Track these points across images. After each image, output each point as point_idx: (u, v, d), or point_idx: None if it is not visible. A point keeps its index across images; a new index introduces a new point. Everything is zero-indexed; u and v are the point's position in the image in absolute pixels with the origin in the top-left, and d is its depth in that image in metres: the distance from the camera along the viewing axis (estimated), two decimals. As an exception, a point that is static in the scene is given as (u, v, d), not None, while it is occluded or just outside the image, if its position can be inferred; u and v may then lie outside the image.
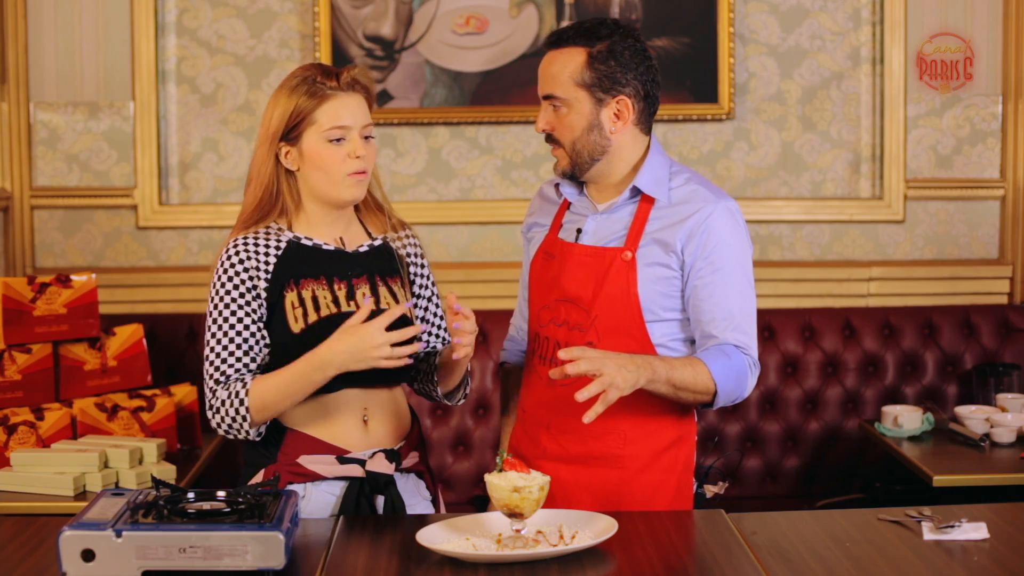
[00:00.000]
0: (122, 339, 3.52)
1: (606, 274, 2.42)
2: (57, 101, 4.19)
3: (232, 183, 4.24)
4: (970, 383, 4.03)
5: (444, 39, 4.19)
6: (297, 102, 2.36)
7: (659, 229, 2.42)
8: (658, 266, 2.41)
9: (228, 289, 2.38)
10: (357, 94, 2.40)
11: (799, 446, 4.07)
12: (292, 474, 2.38)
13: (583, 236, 2.49)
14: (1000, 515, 2.31)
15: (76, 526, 1.96)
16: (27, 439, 3.18)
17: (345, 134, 2.37)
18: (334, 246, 2.45)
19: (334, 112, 2.36)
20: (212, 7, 4.19)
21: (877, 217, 4.29)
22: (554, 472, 2.42)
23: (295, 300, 2.38)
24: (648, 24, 4.17)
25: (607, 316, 2.41)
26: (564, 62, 2.43)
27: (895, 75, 4.22)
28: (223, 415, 2.34)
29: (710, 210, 2.41)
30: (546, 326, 2.50)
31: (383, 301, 2.44)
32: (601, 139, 2.44)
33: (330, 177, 2.38)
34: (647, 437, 2.45)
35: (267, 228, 2.43)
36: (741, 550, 2.15)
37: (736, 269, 2.42)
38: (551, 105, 2.45)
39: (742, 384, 2.41)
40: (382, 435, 2.44)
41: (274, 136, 2.38)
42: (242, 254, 2.39)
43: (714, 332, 2.40)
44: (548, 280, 2.52)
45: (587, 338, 2.43)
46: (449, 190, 4.28)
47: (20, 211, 4.18)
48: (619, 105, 2.43)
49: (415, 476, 2.51)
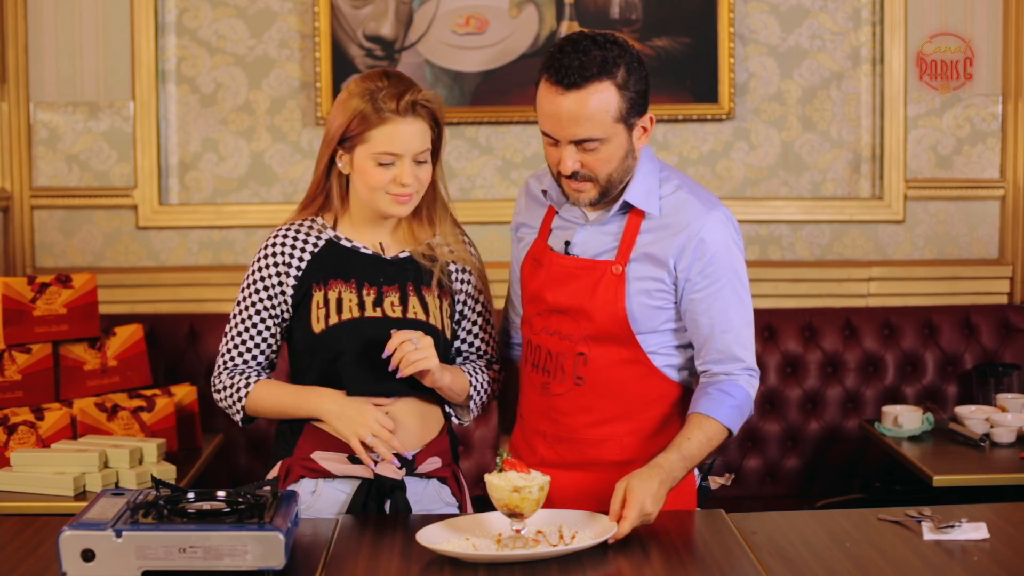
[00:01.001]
0: (122, 339, 3.52)
1: (595, 287, 2.40)
2: (57, 101, 4.19)
3: (232, 183, 4.24)
4: (970, 383, 4.03)
5: (444, 39, 4.19)
6: (355, 116, 2.34)
7: (650, 243, 2.39)
8: (649, 280, 2.39)
9: (255, 282, 2.45)
10: (418, 119, 2.36)
11: (799, 446, 4.07)
12: (305, 469, 2.40)
13: (573, 247, 2.45)
14: (1000, 515, 2.31)
15: (76, 526, 1.96)
16: (27, 439, 3.18)
17: (394, 159, 2.35)
18: (372, 251, 2.45)
19: (387, 137, 2.34)
20: (212, 7, 4.19)
21: (877, 217, 4.29)
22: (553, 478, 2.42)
23: (321, 300, 2.40)
24: (648, 24, 4.17)
25: (597, 327, 2.40)
26: (599, 103, 2.28)
27: (895, 75, 4.22)
28: (222, 397, 2.49)
29: (701, 223, 2.37)
30: (538, 334, 2.48)
31: (411, 311, 2.43)
32: (632, 161, 2.39)
33: (373, 194, 2.38)
34: (645, 443, 2.43)
35: (311, 222, 2.46)
36: (741, 550, 2.15)
37: (733, 280, 2.41)
38: (583, 147, 2.32)
39: (749, 408, 2.43)
40: (402, 438, 2.41)
41: (332, 140, 2.39)
42: (277, 249, 2.43)
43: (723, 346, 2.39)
44: (536, 289, 2.49)
45: (578, 349, 2.41)
46: (449, 190, 4.26)
47: (20, 211, 4.18)
48: (644, 122, 2.37)
49: (437, 482, 2.49)
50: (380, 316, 2.40)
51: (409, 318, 2.41)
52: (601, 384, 2.41)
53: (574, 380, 2.42)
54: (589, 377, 2.42)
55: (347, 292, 2.40)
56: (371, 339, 2.37)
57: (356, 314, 2.39)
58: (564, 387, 2.43)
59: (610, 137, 2.32)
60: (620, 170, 2.37)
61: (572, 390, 2.43)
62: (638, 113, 2.35)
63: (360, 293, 2.41)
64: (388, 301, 2.42)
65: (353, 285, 2.41)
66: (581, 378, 2.42)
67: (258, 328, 2.45)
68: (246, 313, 2.45)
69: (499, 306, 2.71)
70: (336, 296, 2.40)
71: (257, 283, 2.44)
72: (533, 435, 2.52)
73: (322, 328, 2.38)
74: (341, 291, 2.40)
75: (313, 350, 2.40)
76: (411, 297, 2.43)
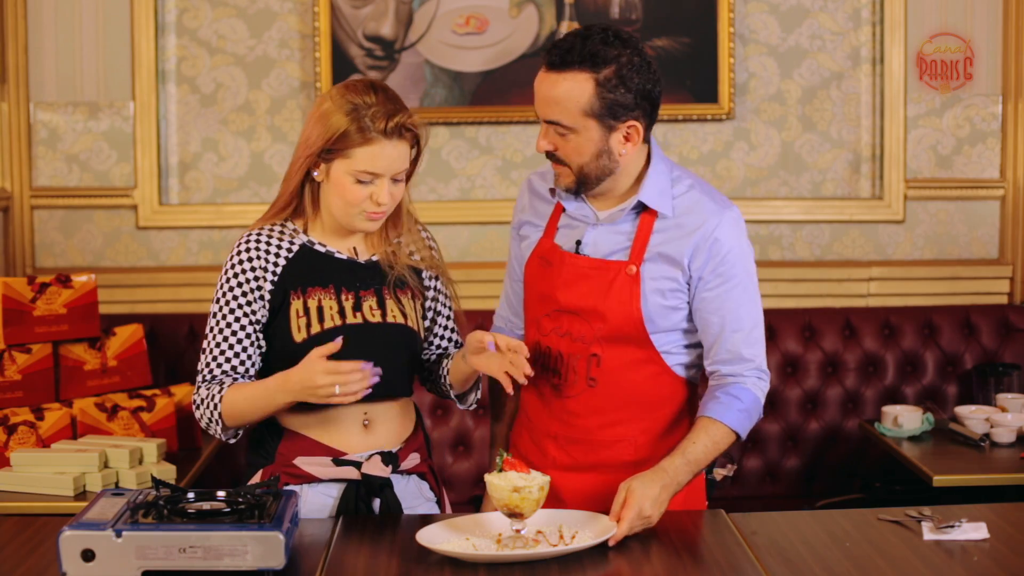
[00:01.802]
0: (122, 339, 3.52)
1: (610, 288, 2.39)
2: (57, 101, 4.19)
3: (232, 183, 4.24)
4: (970, 383, 4.03)
5: (444, 39, 4.19)
6: (338, 131, 2.29)
7: (664, 242, 2.38)
8: (664, 279, 2.38)
9: (232, 287, 2.37)
10: (402, 141, 2.32)
11: (799, 446, 4.07)
12: (288, 475, 2.38)
13: (584, 247, 2.43)
14: (1000, 515, 2.31)
15: (76, 526, 1.96)
16: (27, 439, 3.18)
17: (374, 179, 2.32)
18: (346, 255, 2.43)
19: (369, 157, 2.30)
20: (212, 7, 4.19)
21: (877, 217, 4.29)
22: (565, 481, 2.43)
23: (300, 308, 2.37)
24: (648, 24, 4.17)
25: (611, 328, 2.39)
26: (568, 90, 2.29)
27: (895, 75, 4.22)
28: (201, 412, 2.37)
29: (716, 222, 2.38)
30: (548, 335, 2.46)
31: (390, 314, 2.42)
32: (610, 162, 2.36)
33: (346, 208, 2.35)
34: (657, 442, 2.44)
35: (283, 226, 2.42)
36: (741, 550, 2.15)
37: (745, 280, 2.41)
38: (554, 130, 2.33)
39: (758, 411, 2.43)
40: (382, 438, 2.43)
41: (311, 152, 2.34)
42: (252, 253, 2.38)
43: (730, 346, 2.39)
44: (545, 289, 2.47)
45: (591, 350, 2.40)
46: (449, 190, 4.28)
47: (20, 211, 4.18)
48: (629, 129, 2.34)
49: (417, 478, 2.50)
50: (361, 322, 2.38)
51: (389, 322, 2.41)
52: (614, 385, 2.41)
53: (587, 381, 2.42)
54: (602, 378, 2.41)
55: (327, 299, 2.38)
56: (354, 346, 2.33)
57: (338, 322, 2.37)
58: (576, 389, 2.42)
59: (578, 129, 2.31)
60: (595, 167, 2.35)
61: (585, 391, 2.42)
62: (616, 116, 2.31)
63: (339, 299, 2.39)
64: (367, 305, 2.40)
65: (332, 291, 2.39)
66: (594, 379, 2.41)
67: (238, 336, 2.37)
68: (224, 321, 2.37)
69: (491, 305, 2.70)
70: (316, 304, 2.37)
71: (234, 288, 2.37)
72: (543, 437, 2.50)
73: (304, 337, 2.35)
74: (320, 299, 2.38)
75: (293, 358, 2.32)
76: (388, 300, 2.42)
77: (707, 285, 2.38)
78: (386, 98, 2.33)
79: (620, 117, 2.32)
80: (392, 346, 2.41)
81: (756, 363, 2.41)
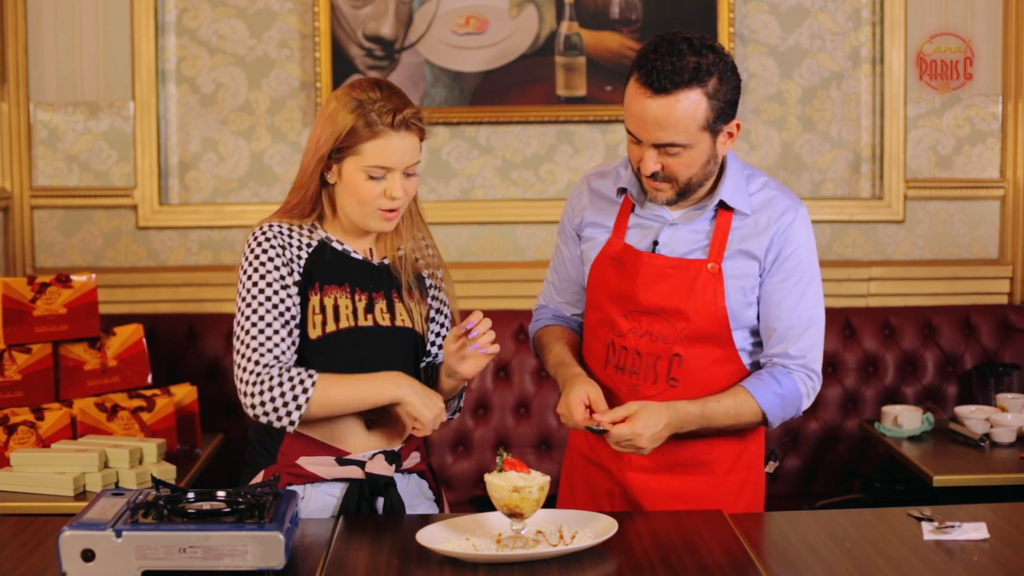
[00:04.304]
0: (122, 339, 3.52)
1: (692, 286, 2.40)
2: (57, 101, 4.19)
3: (232, 183, 4.24)
4: (970, 383, 4.03)
5: (444, 39, 4.19)
6: (347, 129, 2.31)
7: (743, 239, 2.41)
8: (745, 276, 2.41)
9: (269, 262, 2.34)
10: (410, 133, 2.33)
11: (799, 446, 4.07)
12: (291, 475, 2.38)
13: (661, 247, 2.43)
14: (1000, 515, 2.31)
15: (76, 526, 1.96)
16: (27, 439, 3.18)
17: (386, 173, 2.33)
18: (362, 256, 2.44)
19: (379, 151, 2.31)
20: (212, 7, 4.19)
21: (877, 217, 4.29)
22: (643, 483, 2.45)
23: (317, 305, 2.37)
24: (648, 24, 4.17)
25: (694, 328, 2.40)
26: (685, 110, 2.27)
27: (895, 75, 4.22)
28: (270, 397, 2.28)
29: (791, 217, 2.41)
30: (625, 335, 2.45)
31: (399, 318, 2.43)
32: (714, 165, 2.38)
33: (361, 208, 2.36)
34: (730, 438, 2.46)
35: (300, 224, 2.42)
36: (741, 550, 2.15)
37: (808, 275, 2.44)
38: (665, 151, 2.32)
39: (796, 404, 2.43)
40: (383, 437, 2.44)
41: (321, 153, 2.34)
42: (277, 241, 2.37)
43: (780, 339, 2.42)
44: (620, 289, 2.46)
45: (673, 350, 2.41)
46: (449, 190, 4.28)
47: (20, 211, 4.18)
48: (730, 128, 2.36)
49: (417, 476, 2.51)
50: (372, 324, 2.39)
51: (398, 326, 2.42)
52: (695, 384, 2.42)
53: (667, 381, 2.42)
54: (684, 378, 2.42)
55: (343, 299, 2.39)
56: (365, 348, 2.37)
57: (352, 323, 2.38)
58: (656, 388, 2.43)
59: (694, 144, 2.31)
60: (701, 174, 2.37)
61: (666, 391, 2.42)
62: (724, 120, 2.33)
63: (353, 299, 2.40)
64: (378, 308, 2.41)
65: (347, 290, 2.39)
66: (675, 379, 2.42)
67: (292, 311, 2.33)
68: (278, 296, 2.32)
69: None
70: (333, 303, 2.38)
71: (275, 263, 2.34)
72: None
73: (319, 335, 2.36)
74: (337, 297, 2.38)
75: (304, 357, 2.35)
76: (396, 304, 2.43)
77: (772, 277, 2.41)
78: (391, 93, 2.35)
79: (727, 121, 2.35)
80: (399, 350, 2.43)
81: (803, 361, 2.43)
